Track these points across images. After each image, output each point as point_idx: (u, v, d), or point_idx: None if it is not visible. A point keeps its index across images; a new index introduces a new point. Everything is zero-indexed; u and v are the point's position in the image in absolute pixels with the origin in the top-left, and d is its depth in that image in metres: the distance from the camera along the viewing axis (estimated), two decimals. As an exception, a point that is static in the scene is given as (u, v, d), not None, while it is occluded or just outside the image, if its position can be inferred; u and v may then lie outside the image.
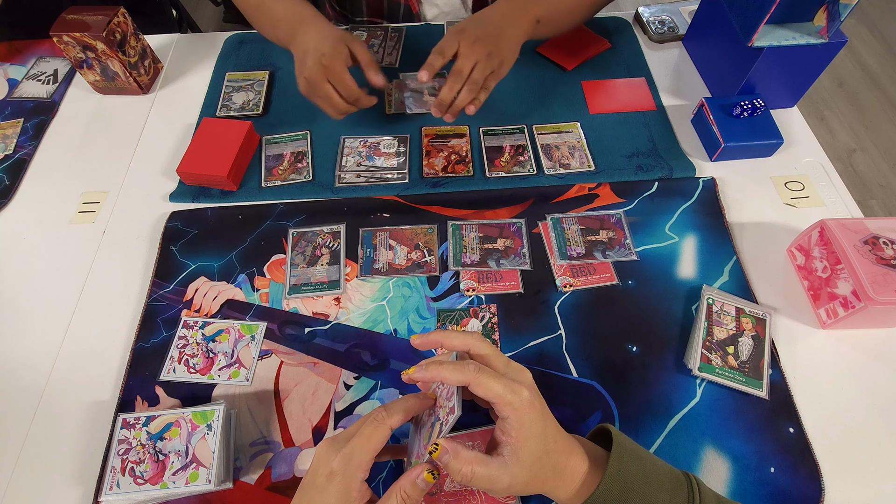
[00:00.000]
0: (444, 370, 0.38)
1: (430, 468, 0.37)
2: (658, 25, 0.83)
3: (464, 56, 0.61)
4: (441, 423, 0.38)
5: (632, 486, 0.37)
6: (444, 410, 0.38)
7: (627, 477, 0.37)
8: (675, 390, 0.51)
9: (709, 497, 0.38)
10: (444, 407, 0.38)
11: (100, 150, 0.72)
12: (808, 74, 0.68)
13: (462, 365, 0.37)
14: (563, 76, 0.77)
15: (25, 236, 0.63)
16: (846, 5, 0.58)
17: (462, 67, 0.61)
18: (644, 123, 0.71)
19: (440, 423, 0.38)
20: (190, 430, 0.47)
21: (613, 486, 0.37)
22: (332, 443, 0.38)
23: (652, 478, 0.38)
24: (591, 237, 0.61)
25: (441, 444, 0.36)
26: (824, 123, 1.85)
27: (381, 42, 0.82)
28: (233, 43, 0.84)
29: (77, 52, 0.71)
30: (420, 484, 0.36)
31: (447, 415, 0.37)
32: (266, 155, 0.70)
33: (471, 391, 0.38)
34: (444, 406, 0.38)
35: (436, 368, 0.38)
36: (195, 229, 0.63)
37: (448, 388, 0.39)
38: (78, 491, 0.47)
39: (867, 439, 0.48)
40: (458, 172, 0.67)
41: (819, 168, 0.67)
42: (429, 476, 0.37)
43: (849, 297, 0.50)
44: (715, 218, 0.62)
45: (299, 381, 0.52)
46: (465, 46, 0.61)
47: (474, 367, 0.37)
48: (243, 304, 0.57)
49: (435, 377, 0.39)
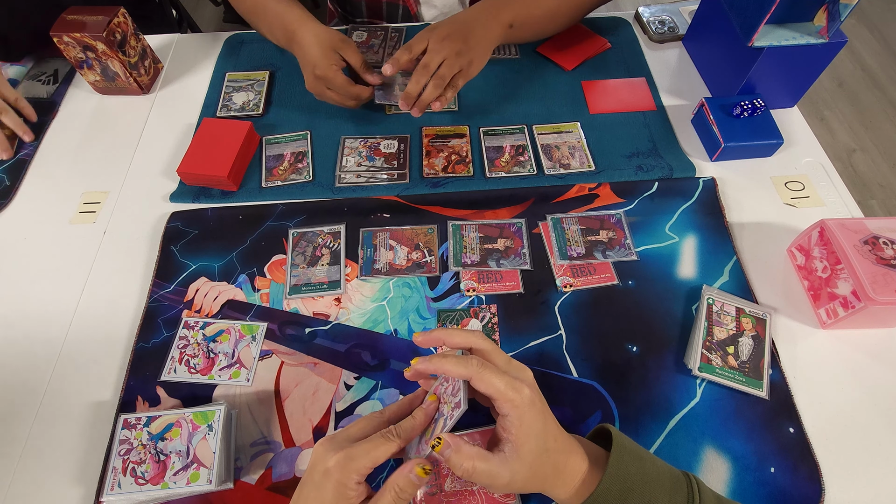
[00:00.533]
0: (447, 363, 0.38)
1: (422, 463, 0.37)
2: (658, 25, 0.83)
3: (432, 51, 0.62)
4: (445, 419, 0.38)
5: (631, 485, 0.37)
6: (448, 406, 0.39)
7: (627, 477, 0.37)
8: (675, 390, 0.51)
9: (708, 497, 0.38)
10: (449, 403, 0.39)
11: (100, 150, 0.72)
12: (808, 74, 0.68)
13: (466, 359, 0.38)
14: (563, 76, 0.77)
15: (26, 237, 0.63)
16: (846, 5, 0.58)
17: (429, 62, 0.62)
18: (644, 123, 0.71)
19: (444, 419, 0.38)
20: (191, 430, 0.47)
21: (613, 486, 0.37)
22: (329, 441, 0.38)
23: (652, 478, 0.38)
24: (591, 237, 0.61)
25: (444, 438, 0.37)
26: (824, 123, 1.85)
27: (381, 42, 0.82)
28: (233, 43, 0.84)
29: (77, 52, 0.71)
30: (413, 479, 0.37)
31: (452, 409, 0.38)
32: (266, 155, 0.70)
33: (472, 386, 0.38)
34: (449, 402, 0.39)
35: (439, 360, 0.39)
36: (195, 230, 0.63)
37: (454, 383, 0.39)
38: (79, 491, 0.47)
39: (867, 439, 0.48)
40: (458, 172, 0.67)
41: (819, 168, 0.67)
42: (421, 471, 0.37)
43: (849, 297, 0.50)
44: (715, 218, 0.62)
45: (300, 382, 0.52)
46: (435, 42, 0.62)
47: (477, 362, 0.38)
48: (244, 304, 0.57)
49: (438, 369, 0.39)
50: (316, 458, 0.38)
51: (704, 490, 0.39)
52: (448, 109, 0.74)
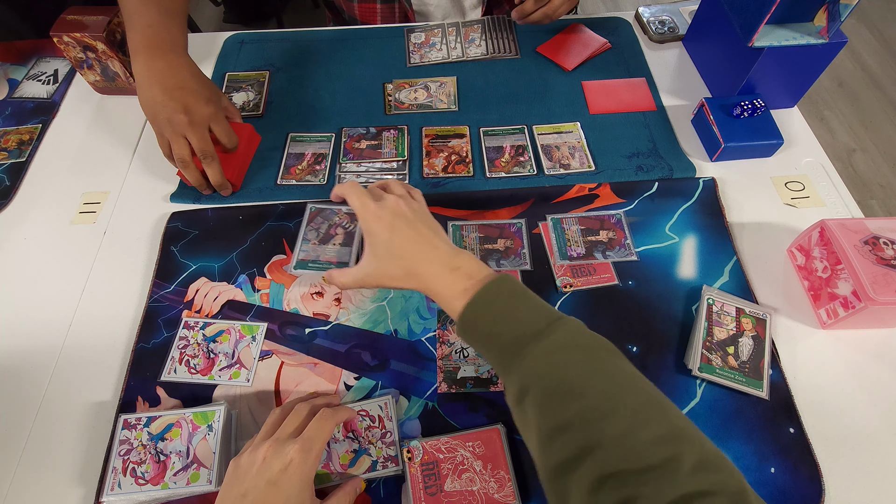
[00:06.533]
0: (344, 189, 0.52)
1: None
2: (658, 25, 0.83)
3: None
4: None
5: (498, 297, 0.43)
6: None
7: (502, 291, 0.43)
8: (676, 391, 0.51)
9: (566, 334, 0.40)
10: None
11: (100, 150, 0.72)
12: (809, 74, 0.68)
13: (350, 185, 0.52)
14: (563, 76, 0.77)
15: (26, 237, 0.63)
16: (846, 5, 0.58)
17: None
18: (644, 123, 0.71)
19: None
20: (191, 430, 0.47)
21: (486, 296, 0.43)
22: (272, 444, 0.41)
23: (523, 298, 0.43)
24: (591, 237, 0.61)
25: (325, 276, 0.53)
26: (824, 123, 1.85)
27: (440, 39, 0.82)
28: (233, 43, 0.84)
29: (77, 52, 0.71)
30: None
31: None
32: (288, 152, 0.70)
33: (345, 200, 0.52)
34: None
35: (341, 187, 0.53)
36: (196, 230, 0.63)
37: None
38: (79, 491, 0.47)
39: (867, 439, 0.48)
40: (458, 173, 0.67)
41: (819, 168, 0.67)
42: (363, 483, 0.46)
43: (849, 298, 0.50)
44: (715, 218, 0.62)
45: (300, 382, 0.52)
46: None
47: (356, 188, 0.51)
48: (244, 304, 0.57)
49: (339, 192, 0.53)
50: (267, 461, 0.40)
51: (570, 328, 0.40)
52: (448, 109, 0.74)
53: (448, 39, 0.82)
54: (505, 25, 0.83)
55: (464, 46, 0.81)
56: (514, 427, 0.49)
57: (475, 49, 0.80)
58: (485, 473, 0.46)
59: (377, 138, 0.70)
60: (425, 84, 0.77)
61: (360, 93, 0.76)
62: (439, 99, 0.75)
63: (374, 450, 0.47)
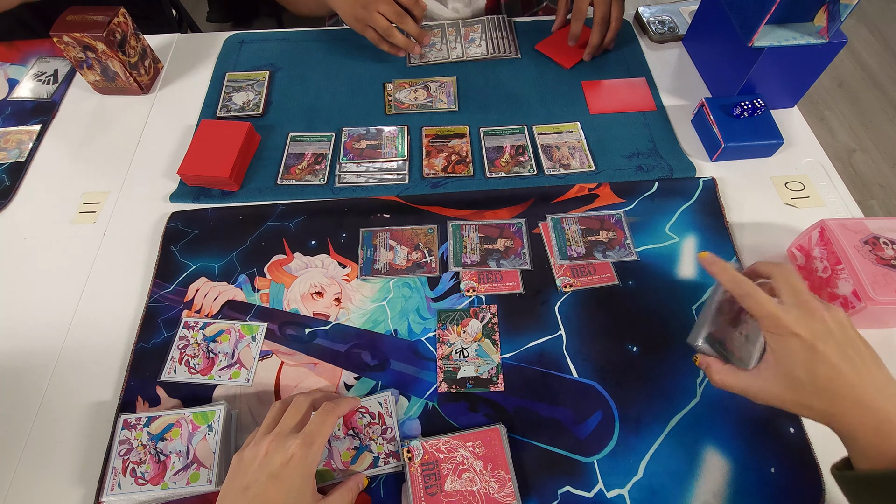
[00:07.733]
0: (724, 272, 0.42)
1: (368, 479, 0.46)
2: (658, 25, 0.83)
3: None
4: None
5: None
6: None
7: None
8: (676, 390, 0.51)
9: None
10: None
11: (100, 150, 0.72)
12: (809, 74, 0.68)
13: (741, 278, 0.41)
14: (563, 76, 0.77)
15: (26, 237, 0.63)
16: (846, 5, 0.58)
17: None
18: (644, 123, 0.71)
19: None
20: (191, 430, 0.47)
21: None
22: (274, 438, 0.41)
23: None
24: (591, 237, 0.61)
25: (699, 358, 0.44)
26: (824, 123, 1.85)
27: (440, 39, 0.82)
28: (233, 43, 0.84)
29: (77, 52, 0.71)
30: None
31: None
32: (288, 152, 0.70)
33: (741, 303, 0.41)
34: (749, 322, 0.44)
35: (721, 266, 0.42)
36: (196, 230, 0.63)
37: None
38: (79, 491, 0.47)
39: (867, 439, 0.48)
40: (458, 173, 0.67)
41: (819, 168, 0.67)
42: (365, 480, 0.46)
43: (849, 298, 0.50)
44: (715, 218, 0.62)
45: (300, 382, 0.52)
46: None
47: (749, 283, 0.40)
48: (244, 304, 0.57)
49: (716, 272, 0.43)
50: (269, 456, 0.40)
51: None
52: (448, 109, 0.74)
53: (448, 39, 0.82)
54: (505, 25, 0.83)
55: (464, 46, 0.81)
56: (514, 427, 0.49)
57: (475, 49, 0.80)
58: (485, 473, 0.46)
59: (377, 138, 0.70)
60: (425, 84, 0.77)
61: (360, 93, 0.76)
62: (439, 99, 0.75)
63: (376, 446, 0.47)
